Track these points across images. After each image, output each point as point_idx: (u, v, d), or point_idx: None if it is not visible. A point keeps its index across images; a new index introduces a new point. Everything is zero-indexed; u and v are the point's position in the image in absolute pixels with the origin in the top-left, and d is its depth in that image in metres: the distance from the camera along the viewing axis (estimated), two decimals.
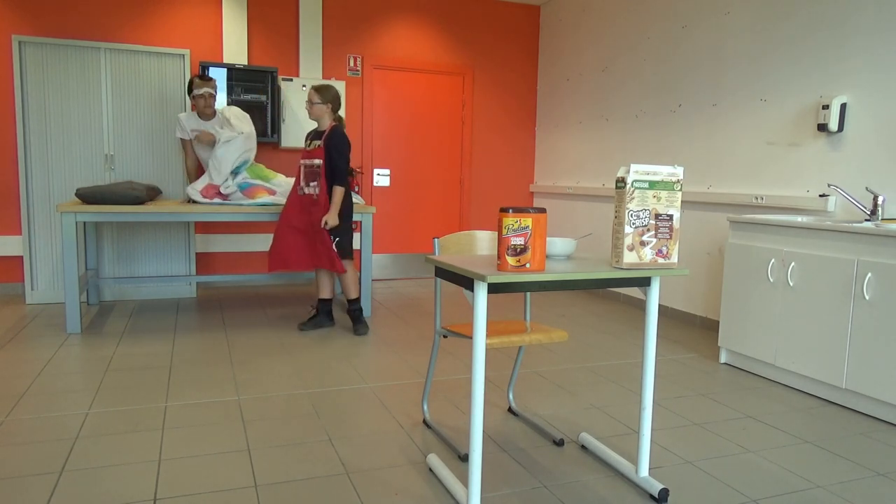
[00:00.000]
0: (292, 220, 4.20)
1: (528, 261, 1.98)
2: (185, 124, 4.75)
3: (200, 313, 4.82)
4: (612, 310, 5.30)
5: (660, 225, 2.08)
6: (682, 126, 4.85)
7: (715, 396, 3.22)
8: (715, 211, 4.56)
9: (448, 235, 2.68)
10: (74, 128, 4.98)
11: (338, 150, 4.05)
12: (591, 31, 5.91)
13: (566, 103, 6.31)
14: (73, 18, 5.22)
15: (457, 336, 2.48)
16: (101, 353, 3.71)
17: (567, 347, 4.08)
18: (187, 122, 4.77)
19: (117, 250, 5.17)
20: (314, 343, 4.04)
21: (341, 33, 6.02)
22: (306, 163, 4.16)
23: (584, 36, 6.02)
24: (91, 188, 4.21)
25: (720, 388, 3.34)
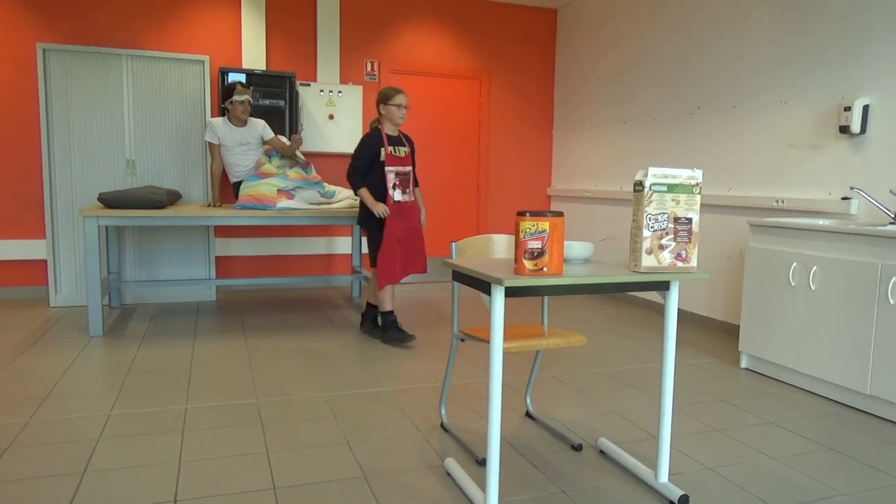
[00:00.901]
0: (396, 231, 4.03)
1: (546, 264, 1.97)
2: (220, 130, 4.79)
3: (220, 316, 4.87)
4: (631, 314, 5.26)
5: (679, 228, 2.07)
6: (702, 129, 4.81)
7: (735, 402, 3.18)
8: (735, 214, 4.52)
9: (465, 239, 2.68)
10: (97, 133, 5.06)
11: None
12: (609, 34, 5.89)
13: (583, 107, 6.29)
14: (95, 26, 5.31)
15: (474, 340, 2.48)
16: (122, 356, 3.76)
17: (585, 352, 4.06)
18: (223, 129, 4.82)
19: (138, 254, 5.23)
20: (331, 347, 4.05)
21: (358, 38, 6.05)
22: (400, 170, 4.03)
23: (601, 39, 6.00)
24: (113, 193, 4.27)
25: (741, 394, 3.31)
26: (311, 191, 4.68)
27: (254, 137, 4.92)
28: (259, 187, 4.52)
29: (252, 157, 4.86)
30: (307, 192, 4.67)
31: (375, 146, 4.01)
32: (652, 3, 5.33)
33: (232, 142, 4.81)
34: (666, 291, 2.21)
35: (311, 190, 4.68)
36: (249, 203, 4.47)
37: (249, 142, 4.88)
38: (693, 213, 2.08)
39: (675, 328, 2.24)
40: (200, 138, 5.30)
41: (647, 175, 2.03)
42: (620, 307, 5.55)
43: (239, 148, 4.82)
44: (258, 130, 4.95)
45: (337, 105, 5.80)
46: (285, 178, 4.64)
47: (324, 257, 6.14)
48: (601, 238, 5.94)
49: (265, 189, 4.51)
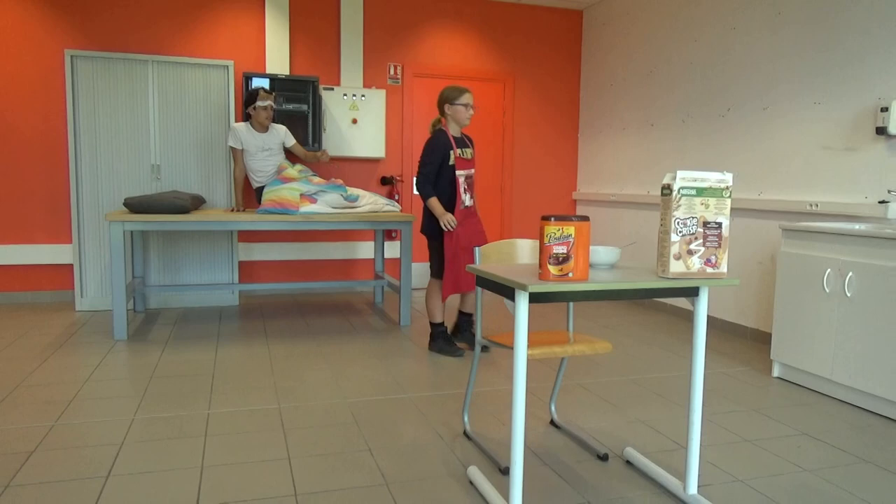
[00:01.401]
0: (461, 240, 3.91)
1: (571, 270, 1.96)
2: (243, 135, 4.86)
3: (242, 321, 4.92)
4: (659, 321, 5.21)
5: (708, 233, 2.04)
6: (732, 131, 4.75)
7: (767, 412, 3.13)
8: (766, 219, 4.45)
9: (489, 244, 2.68)
10: (123, 138, 5.15)
11: None
12: (636, 34, 5.85)
13: (610, 109, 6.25)
14: (122, 32, 5.41)
15: (498, 346, 2.47)
16: (146, 360, 3.81)
17: (611, 359, 4.02)
18: (245, 134, 4.88)
19: (163, 258, 5.31)
20: (353, 352, 4.07)
21: (382, 42, 6.09)
22: (468, 174, 3.91)
23: (628, 40, 5.97)
24: (138, 198, 4.34)
25: (773, 403, 3.25)
26: (334, 194, 4.71)
27: (276, 143, 4.98)
28: (282, 192, 4.56)
29: (274, 163, 4.92)
30: (330, 196, 4.70)
31: (444, 149, 3.86)
32: (680, 2, 5.28)
33: (254, 147, 4.87)
34: (695, 298, 2.19)
35: (334, 194, 4.71)
36: (272, 208, 4.52)
37: (271, 147, 4.94)
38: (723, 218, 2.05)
39: (705, 335, 2.21)
40: (224, 143, 5.37)
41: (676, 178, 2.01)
42: (648, 314, 5.49)
43: (261, 153, 4.89)
44: (280, 136, 5.01)
45: (360, 109, 5.84)
46: (308, 182, 4.68)
47: (346, 262, 6.17)
48: (628, 243, 5.89)
49: (288, 193, 4.55)
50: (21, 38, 5.22)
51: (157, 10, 5.48)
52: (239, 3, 5.66)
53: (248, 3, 5.68)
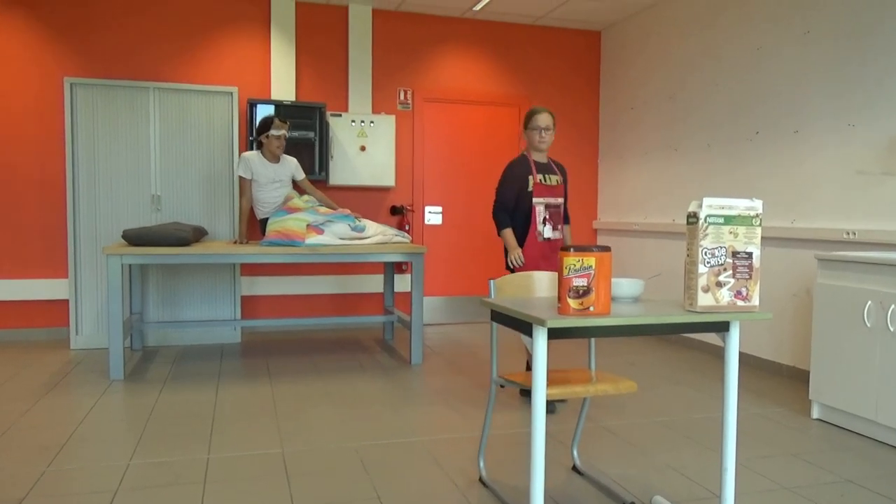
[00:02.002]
0: None
1: (592, 303, 1.95)
2: (254, 165, 4.92)
3: (245, 359, 4.92)
4: (687, 358, 5.15)
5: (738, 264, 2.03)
6: (761, 155, 4.75)
7: (807, 457, 3.07)
8: (800, 248, 4.42)
9: (504, 277, 2.68)
10: (122, 168, 5.24)
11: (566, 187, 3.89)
12: (657, 56, 5.90)
13: (631, 133, 6.28)
14: (122, 59, 5.54)
15: (515, 386, 2.45)
16: (143, 401, 3.81)
17: (637, 399, 3.98)
18: (257, 164, 4.94)
19: (162, 293, 5.35)
20: (362, 392, 4.05)
21: (391, 66, 6.19)
22: (551, 202, 3.77)
23: (649, 61, 6.02)
24: (137, 230, 4.39)
25: (813, 448, 3.18)
26: (342, 224, 4.74)
27: (287, 175, 5.04)
28: (287, 222, 4.59)
29: (282, 195, 4.97)
30: (338, 227, 4.72)
31: (522, 175, 3.77)
32: (701, 22, 5.34)
33: (265, 178, 4.93)
34: (725, 333, 2.17)
35: (342, 223, 4.74)
36: (277, 239, 4.55)
37: (282, 179, 5.00)
38: (753, 247, 2.04)
39: (737, 373, 2.18)
40: (228, 173, 5.44)
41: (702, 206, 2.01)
42: (675, 350, 5.44)
43: (271, 185, 4.94)
44: (291, 169, 5.08)
45: (369, 136, 5.91)
46: (314, 212, 4.71)
47: (354, 296, 6.18)
48: (652, 275, 5.86)
49: (293, 224, 4.59)
50: (20, 65, 5.35)
51: (159, 35, 5.61)
52: (243, 27, 5.79)
53: (253, 27, 5.81)
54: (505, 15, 6.25)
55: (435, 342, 5.61)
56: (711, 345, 5.33)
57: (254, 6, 5.79)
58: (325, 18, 5.99)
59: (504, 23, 6.45)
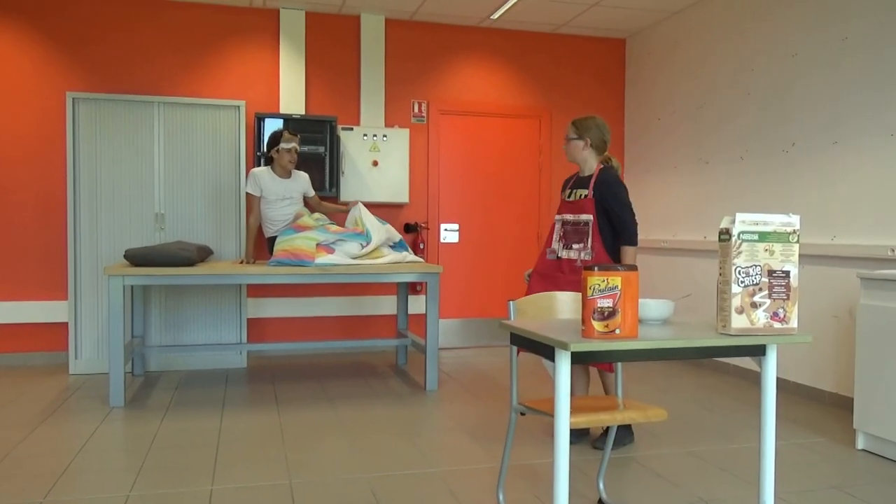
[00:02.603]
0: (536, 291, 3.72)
1: (618, 326, 1.94)
2: (265, 182, 4.96)
3: (251, 385, 4.93)
4: (720, 384, 5.10)
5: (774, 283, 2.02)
6: (797, 168, 4.72)
7: (852, 490, 3.01)
8: (841, 266, 4.37)
9: (524, 298, 2.67)
10: (125, 186, 5.30)
11: (620, 200, 3.58)
12: (685, 64, 5.90)
13: (658, 146, 6.27)
14: (126, 72, 5.64)
15: (536, 413, 2.43)
16: (145, 429, 3.83)
17: (667, 428, 3.94)
18: (267, 180, 4.98)
19: (165, 316, 5.39)
20: (374, 420, 4.04)
21: (405, 77, 6.24)
22: (569, 218, 3.74)
23: (676, 70, 6.02)
24: (140, 249, 4.44)
25: (858, 481, 3.13)
26: (354, 243, 4.76)
27: (298, 192, 5.09)
28: (296, 241, 4.62)
29: (292, 212, 4.99)
30: (349, 245, 4.74)
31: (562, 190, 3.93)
32: (732, 29, 5.34)
33: (275, 195, 4.96)
34: (762, 357, 2.15)
35: (354, 242, 4.76)
36: (285, 259, 4.57)
37: (292, 196, 5.03)
38: (790, 265, 2.03)
39: (775, 401, 2.15)
40: (234, 190, 5.49)
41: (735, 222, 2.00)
42: (707, 376, 5.38)
43: (281, 202, 4.98)
44: (303, 185, 5.14)
45: (382, 150, 5.95)
46: (324, 231, 4.74)
47: (366, 318, 6.19)
48: (682, 295, 5.82)
49: (303, 243, 4.61)
50: (21, 79, 5.46)
51: (163, 48, 5.70)
52: (250, 39, 5.87)
53: (261, 38, 5.89)
54: (524, 23, 6.29)
55: (451, 367, 5.59)
56: (747, 370, 5.27)
57: (262, 17, 5.88)
58: (336, 28, 6.06)
59: (523, 31, 6.49)
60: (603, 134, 3.74)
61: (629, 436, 3.68)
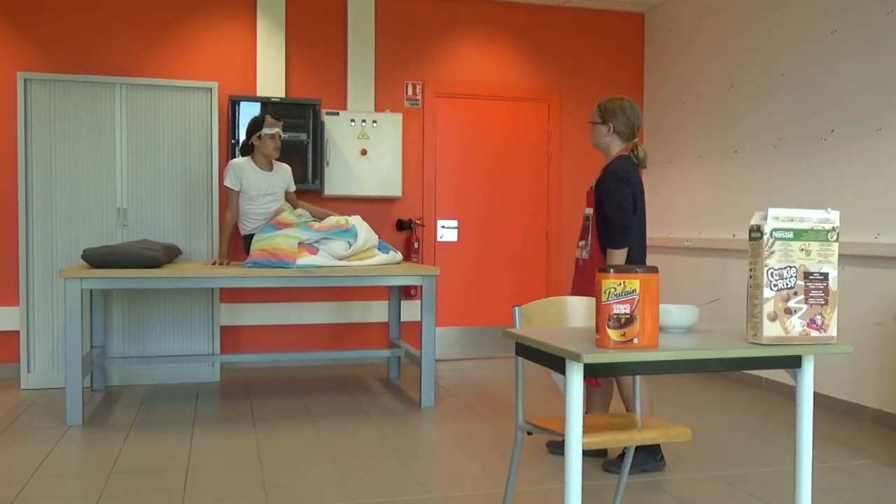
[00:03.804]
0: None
1: (636, 335, 1.94)
2: (245, 175, 4.95)
3: (225, 402, 4.93)
4: (750, 399, 5.11)
5: (811, 287, 2.02)
6: (837, 158, 4.73)
7: None
8: (886, 267, 4.38)
9: (532, 303, 2.67)
10: (83, 178, 5.30)
11: (610, 195, 3.56)
12: (711, 41, 5.91)
13: (681, 133, 6.27)
14: (84, 50, 5.62)
15: (545, 433, 2.43)
16: (105, 451, 3.82)
17: (691, 449, 3.94)
18: (249, 173, 4.97)
19: (128, 324, 5.38)
20: (363, 441, 4.04)
21: (397, 56, 6.24)
22: (584, 214, 3.80)
23: (701, 48, 6.03)
24: (100, 249, 4.43)
25: None
26: (340, 241, 4.76)
27: (280, 186, 5.08)
28: (275, 240, 4.61)
29: (273, 207, 4.99)
30: (335, 244, 4.74)
31: None
32: (764, 2, 5.34)
33: (257, 190, 4.95)
34: (797, 369, 2.15)
35: (340, 241, 4.76)
36: (263, 260, 4.57)
37: (275, 192, 5.03)
38: (829, 267, 2.03)
39: (811, 418, 2.15)
40: (206, 182, 5.49)
41: (767, 218, 2.00)
42: (736, 390, 5.39)
43: (263, 198, 4.97)
44: (286, 179, 5.14)
45: (371, 138, 5.95)
46: (307, 228, 4.73)
47: (354, 326, 6.19)
48: (708, 300, 5.83)
49: (283, 242, 4.61)
50: None
51: (126, 24, 5.69)
52: (224, 13, 5.87)
53: (236, 13, 5.89)
54: None
55: (449, 381, 5.59)
56: (780, 383, 5.27)
57: None
58: (319, 2, 6.06)
59: (530, 4, 6.50)
60: (629, 119, 3.71)
61: (651, 461, 3.61)
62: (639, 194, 3.67)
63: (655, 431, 2.38)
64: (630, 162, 3.69)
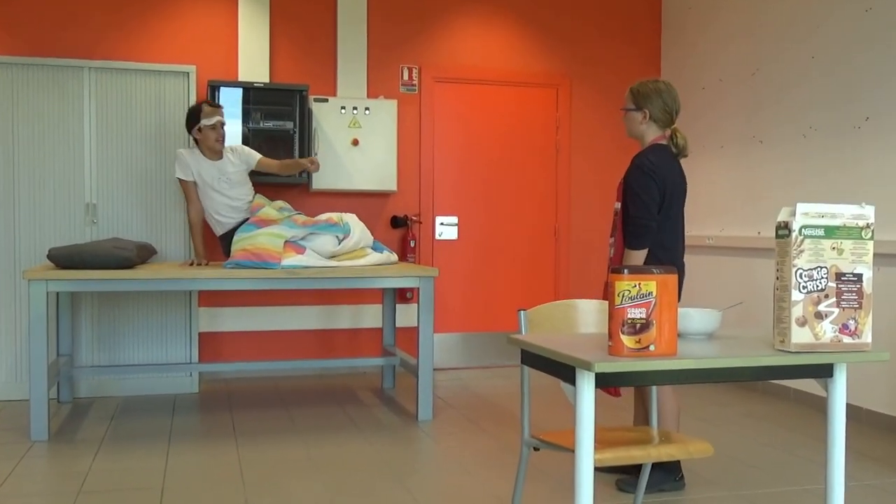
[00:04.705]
0: None
1: (653, 341, 1.94)
2: (193, 164, 4.96)
3: (203, 415, 4.93)
4: (777, 412, 5.11)
5: (843, 289, 2.02)
6: (872, 148, 4.73)
7: None
8: None
9: (539, 307, 2.67)
10: (48, 171, 5.29)
11: (631, 188, 3.55)
12: (735, 21, 5.91)
13: (701, 121, 6.27)
14: (50, 32, 5.61)
15: (553, 448, 2.43)
16: (73, 469, 3.82)
17: (713, 466, 3.95)
18: (200, 162, 4.98)
19: (98, 330, 5.38)
20: (355, 458, 4.04)
21: (392, 38, 6.23)
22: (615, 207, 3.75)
23: (724, 29, 6.03)
24: (67, 248, 4.43)
25: None
26: (328, 237, 4.76)
27: (238, 169, 5.06)
28: (259, 239, 4.61)
29: (239, 197, 4.98)
30: (322, 240, 4.74)
31: None
32: None
33: (210, 178, 4.95)
34: (828, 379, 2.15)
35: (328, 235, 4.76)
36: (246, 261, 4.57)
37: (231, 178, 5.00)
38: (863, 267, 2.03)
39: (844, 432, 2.16)
40: None
41: (795, 214, 2.00)
42: (761, 402, 5.39)
43: (221, 186, 4.96)
44: (242, 159, 5.10)
45: (363, 127, 5.94)
46: (292, 224, 4.73)
47: (345, 333, 6.18)
48: (731, 304, 5.83)
49: (267, 241, 4.60)
50: None
51: (95, 2, 5.68)
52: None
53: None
54: None
55: (449, 392, 5.60)
56: (810, 394, 5.28)
57: None
58: None
59: None
60: (667, 103, 3.68)
61: (670, 480, 3.60)
62: (674, 189, 3.62)
63: (674, 447, 2.38)
64: (666, 152, 3.64)
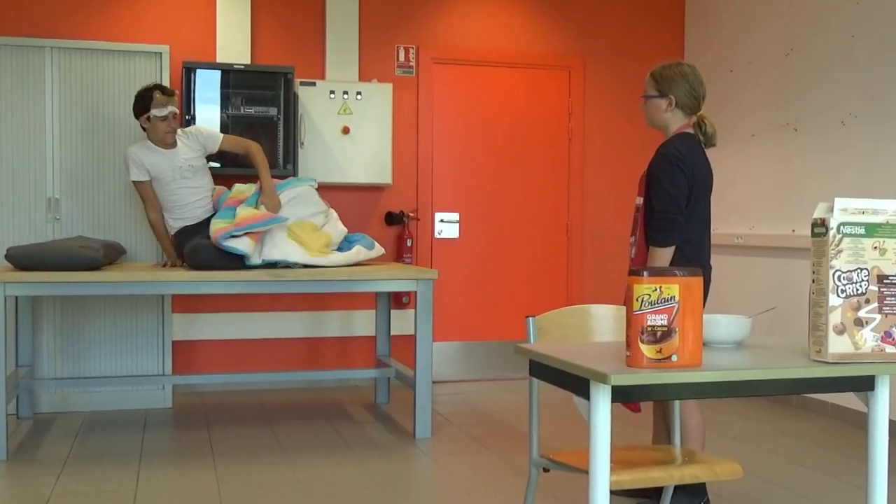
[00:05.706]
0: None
1: (675, 351, 1.94)
2: (146, 159, 4.93)
3: (178, 431, 4.93)
4: (813, 428, 5.12)
5: (886, 293, 2.02)
6: None
7: None
8: None
9: (549, 313, 2.67)
10: (6, 162, 5.28)
11: (656, 179, 3.54)
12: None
13: (729, 107, 6.27)
14: (7, 8, 5.60)
15: (565, 470, 2.43)
16: (33, 491, 3.82)
17: (742, 488, 3.95)
18: (144, 156, 4.95)
19: (61, 338, 5.37)
20: (346, 480, 4.05)
21: (386, 16, 6.23)
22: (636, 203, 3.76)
23: (755, 5, 6.02)
24: (26, 247, 4.43)
25: None
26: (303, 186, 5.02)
27: (196, 154, 5.06)
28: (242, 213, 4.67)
29: (201, 187, 5.01)
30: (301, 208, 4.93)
31: None
32: None
33: (168, 169, 4.94)
34: (869, 392, 2.16)
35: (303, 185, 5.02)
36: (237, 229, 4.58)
37: (192, 164, 5.00)
38: None
39: (886, 451, 2.16)
40: None
41: (833, 210, 2.00)
42: (797, 418, 5.40)
43: (182, 180, 4.97)
44: (200, 142, 5.09)
45: (355, 113, 5.94)
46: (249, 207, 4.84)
47: (335, 341, 6.18)
48: (762, 309, 5.83)
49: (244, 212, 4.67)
50: None
51: None
52: None
53: None
54: None
55: (449, 407, 5.60)
56: (849, 409, 5.28)
57: None
58: None
59: None
60: (693, 88, 3.67)
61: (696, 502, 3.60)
62: (702, 181, 3.62)
63: (699, 468, 2.38)
64: (692, 141, 3.64)
